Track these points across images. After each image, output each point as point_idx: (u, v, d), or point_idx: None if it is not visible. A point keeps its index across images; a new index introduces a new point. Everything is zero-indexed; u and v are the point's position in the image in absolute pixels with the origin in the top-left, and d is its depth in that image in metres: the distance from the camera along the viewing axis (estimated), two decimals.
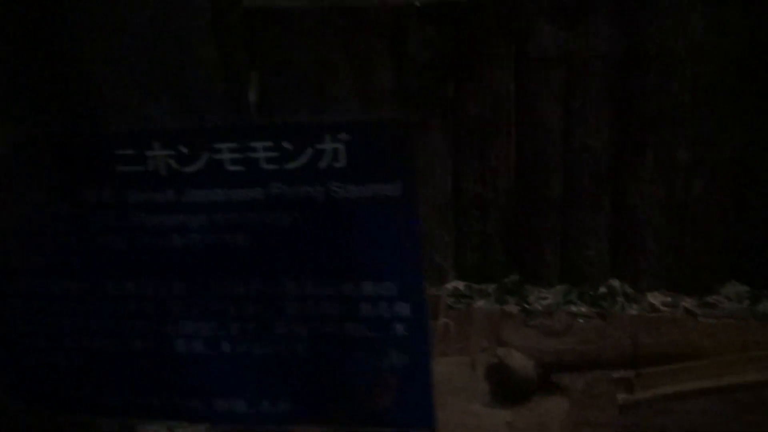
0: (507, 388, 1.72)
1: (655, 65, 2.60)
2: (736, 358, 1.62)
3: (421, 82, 2.80)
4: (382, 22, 2.80)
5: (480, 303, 2.82)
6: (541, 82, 2.69)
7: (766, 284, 2.74)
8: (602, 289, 2.81)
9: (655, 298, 2.80)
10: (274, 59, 2.68)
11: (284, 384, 1.22)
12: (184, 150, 1.21)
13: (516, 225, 2.86)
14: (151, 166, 1.18)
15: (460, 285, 2.89)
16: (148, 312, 1.24)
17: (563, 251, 2.88)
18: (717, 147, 2.65)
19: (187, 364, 1.23)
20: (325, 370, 1.21)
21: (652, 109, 2.65)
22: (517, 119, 2.74)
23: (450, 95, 2.72)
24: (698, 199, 2.71)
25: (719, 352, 1.62)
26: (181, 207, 1.18)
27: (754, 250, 2.77)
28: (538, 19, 2.60)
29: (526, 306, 3.02)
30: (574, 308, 2.82)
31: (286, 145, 1.17)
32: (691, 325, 2.22)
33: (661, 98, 2.64)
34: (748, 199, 2.73)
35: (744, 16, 2.53)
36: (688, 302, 2.75)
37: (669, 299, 2.77)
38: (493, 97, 2.71)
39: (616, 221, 2.81)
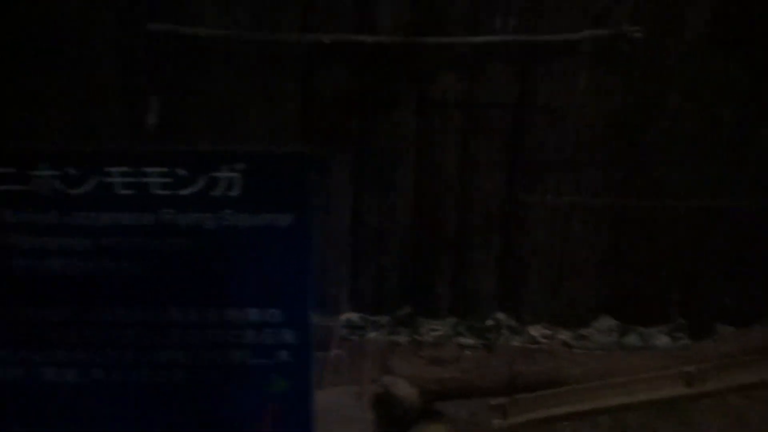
0: (391, 417, 1.74)
1: (543, 117, 2.63)
2: (599, 385, 1.71)
3: (327, 117, 2.71)
4: (292, 56, 2.83)
5: (373, 334, 2.75)
6: (440, 125, 2.68)
7: (633, 319, 2.81)
8: (489, 322, 2.82)
9: (535, 331, 2.81)
10: (179, 85, 2.53)
11: (163, 412, 1.17)
12: (72, 171, 1.16)
13: (411, 260, 2.82)
14: (34, 187, 1.16)
15: (355, 316, 2.81)
16: (20, 338, 1.20)
17: (454, 286, 2.85)
18: (594, 194, 2.71)
19: (59, 392, 1.16)
20: (205, 398, 1.16)
21: (539, 157, 2.68)
22: (417, 159, 2.71)
23: (354, 132, 2.67)
24: (576, 242, 2.77)
25: (586, 380, 1.71)
26: (64, 229, 1.14)
27: (624, 288, 2.82)
28: (440, 65, 2.60)
29: (417, 337, 3.09)
30: (462, 340, 2.76)
31: (180, 171, 1.14)
32: (564, 355, 2.34)
33: (547, 148, 2.68)
34: (620, 243, 2.79)
35: (622, 80, 2.61)
36: (564, 335, 2.80)
37: (548, 332, 2.81)
38: (395, 136, 2.68)
39: (504, 260, 2.82)
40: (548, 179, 2.73)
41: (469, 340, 2.81)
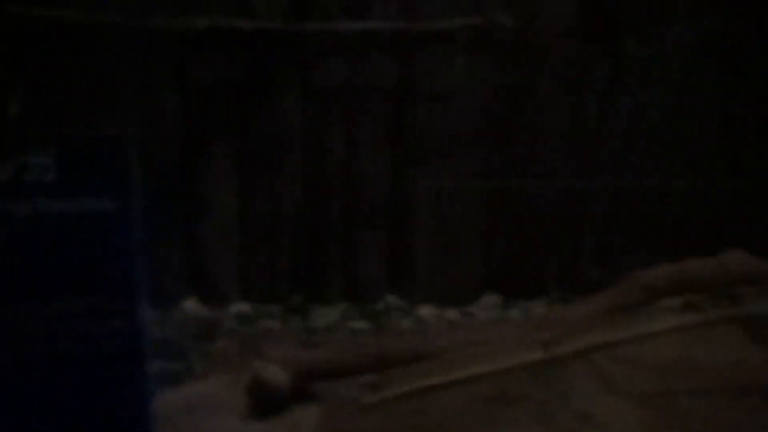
0: (263, 401, 1.73)
1: (423, 103, 2.66)
2: (464, 355, 1.75)
3: (205, 105, 2.53)
4: (166, 43, 2.45)
5: (265, 323, 2.68)
6: (324, 111, 2.64)
7: (515, 294, 2.88)
8: (380, 305, 2.81)
9: (425, 311, 2.82)
10: (46, 72, 2.38)
11: None
12: None
13: (301, 247, 2.77)
14: None
15: (246, 306, 2.74)
16: None
17: (345, 271, 2.82)
18: (474, 177, 2.75)
19: None
20: (37, 391, 1.10)
21: (421, 141, 2.71)
22: (303, 146, 2.67)
23: (236, 120, 2.60)
24: (459, 223, 2.80)
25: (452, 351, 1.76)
26: None
27: (505, 265, 2.88)
28: (323, 52, 2.56)
29: (309, 324, 2.74)
30: (354, 324, 2.72)
31: None
32: (432, 331, 2.39)
33: (428, 133, 2.70)
34: (500, 222, 2.84)
35: (496, 67, 2.67)
36: (452, 313, 2.82)
37: (436, 311, 2.81)
38: (279, 123, 2.62)
39: (392, 243, 2.82)
40: (431, 163, 2.76)
41: (360, 324, 2.82)
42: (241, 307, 2.75)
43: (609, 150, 2.79)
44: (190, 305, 2.67)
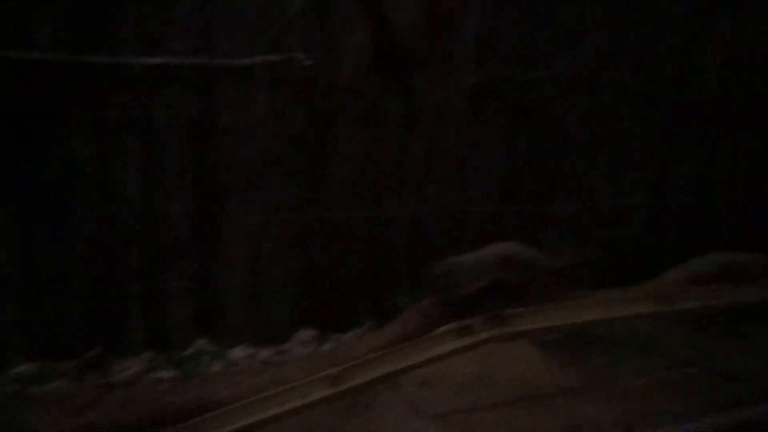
0: None
1: (227, 139, 2.55)
2: (252, 402, 1.67)
3: None
4: None
5: (55, 384, 2.39)
6: (119, 149, 2.45)
7: (330, 327, 2.85)
8: (189, 351, 2.63)
9: (237, 353, 2.69)
10: None
11: None
12: None
13: (96, 295, 2.52)
14: None
15: (31, 366, 2.40)
16: None
17: (148, 318, 2.60)
18: (283, 211, 2.69)
19: None
20: None
21: (227, 177, 2.59)
22: (95, 186, 2.45)
23: (12, 161, 2.33)
24: (270, 258, 2.71)
25: (238, 399, 1.66)
26: None
27: (319, 299, 2.84)
28: (115, 87, 2.38)
29: (108, 380, 2.46)
30: (160, 374, 2.52)
31: None
32: (217, 378, 2.26)
33: (234, 168, 2.60)
34: (311, 256, 2.79)
35: (298, 103, 2.63)
36: (266, 352, 2.72)
37: (250, 352, 2.70)
38: (65, 163, 2.39)
39: (200, 284, 2.65)
40: (237, 199, 2.64)
41: (167, 373, 2.61)
42: (24, 368, 2.39)
43: (410, 180, 2.91)
44: None
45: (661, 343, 3.08)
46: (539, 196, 3.16)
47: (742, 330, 3.10)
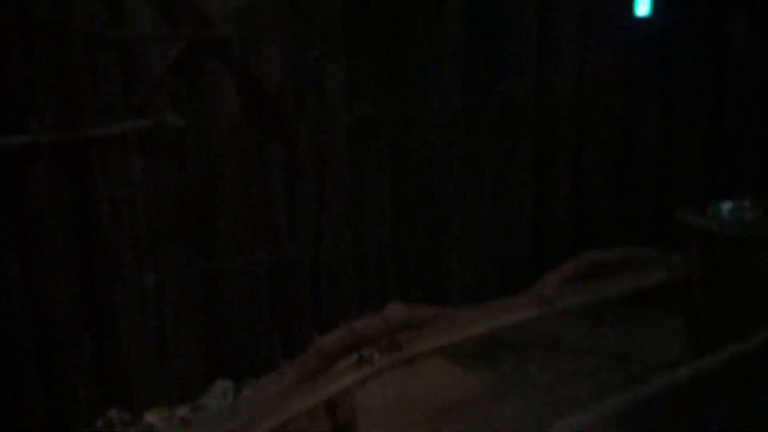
0: None
1: (108, 210, 2.41)
2: None
3: None
4: None
5: None
6: None
7: (246, 374, 2.68)
8: (99, 424, 2.44)
9: (152, 416, 2.51)
10: None
11: None
12: None
13: None
14: None
15: None
16: None
17: (46, 398, 2.39)
18: (179, 268, 2.56)
19: None
20: None
21: (114, 247, 2.45)
22: None
23: None
24: (171, 317, 2.56)
25: None
26: None
27: (229, 347, 2.69)
28: None
29: None
30: None
31: None
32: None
33: (120, 239, 2.46)
34: (213, 307, 2.65)
35: (176, 165, 2.51)
36: (182, 410, 2.54)
37: (165, 413, 2.51)
38: None
39: (101, 356, 2.47)
40: (129, 266, 2.50)
41: None
42: None
43: (304, 222, 2.81)
44: None
45: (565, 338, 3.03)
46: (426, 225, 3.09)
47: (634, 315, 3.08)
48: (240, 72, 2.55)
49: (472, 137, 3.11)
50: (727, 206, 2.47)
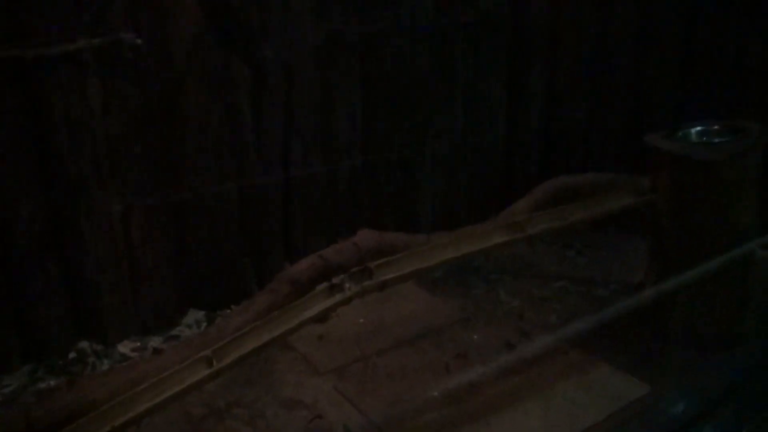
0: None
1: (65, 130, 2.31)
2: (128, 397, 1.55)
3: None
4: None
5: None
6: None
7: (219, 304, 2.73)
8: (72, 355, 2.43)
9: (125, 347, 2.52)
10: None
11: None
12: None
13: None
14: None
15: None
16: None
17: (18, 329, 2.37)
18: (145, 195, 2.50)
19: None
20: None
21: (75, 170, 2.37)
22: None
23: None
24: (142, 244, 2.53)
25: (113, 397, 1.54)
26: None
27: (202, 277, 2.70)
28: None
29: None
30: (44, 384, 2.32)
31: None
32: (85, 380, 2.09)
33: (80, 160, 2.38)
34: (184, 236, 2.63)
35: (136, 83, 2.40)
36: (155, 341, 2.56)
37: (138, 344, 2.53)
38: None
39: (69, 285, 2.44)
40: (91, 191, 2.44)
41: (52, 383, 2.40)
42: None
43: (272, 145, 2.77)
44: None
45: (534, 264, 3.18)
46: (408, 142, 3.10)
47: (603, 240, 3.22)
48: None
49: (444, 52, 3.06)
50: (696, 130, 2.55)
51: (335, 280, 1.89)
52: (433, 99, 3.09)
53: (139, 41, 2.32)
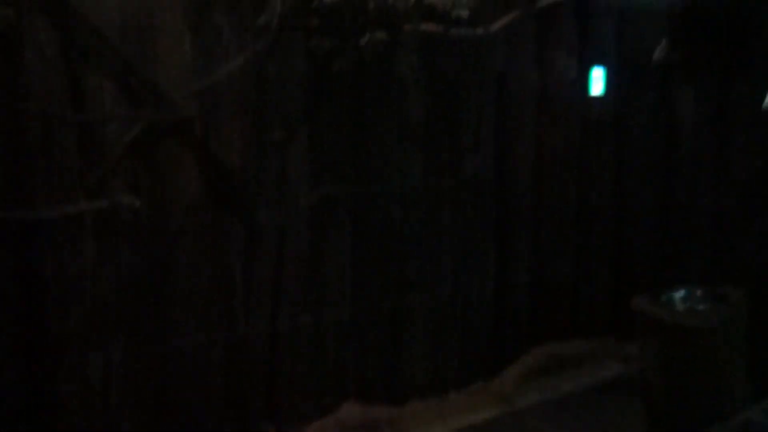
0: None
1: (56, 289, 2.38)
2: None
3: None
4: None
5: None
6: None
7: None
8: None
9: None
10: None
11: None
12: None
13: None
14: None
15: None
16: None
17: None
18: (129, 350, 2.52)
19: None
20: None
21: (62, 331, 2.40)
22: None
23: None
24: (117, 404, 2.51)
25: None
26: None
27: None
28: None
29: None
30: None
31: None
32: None
33: (68, 320, 2.42)
34: (165, 388, 2.63)
35: (131, 245, 2.51)
36: None
37: None
38: None
39: None
40: (76, 353, 2.45)
41: None
42: None
43: (259, 302, 2.83)
44: None
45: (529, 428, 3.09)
46: (396, 298, 3.17)
47: (596, 401, 3.17)
48: (200, 152, 2.61)
49: (433, 213, 3.23)
50: (680, 294, 2.65)
51: None
52: (422, 257, 3.21)
53: (137, 203, 2.47)
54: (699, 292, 2.72)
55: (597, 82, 3.89)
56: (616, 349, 2.49)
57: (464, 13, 2.87)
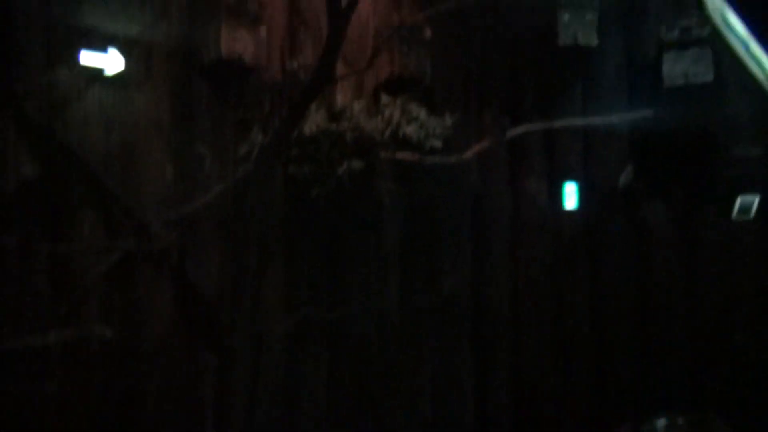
0: None
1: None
2: None
3: None
4: None
5: None
6: None
7: None
8: None
9: None
10: None
11: None
12: None
13: None
14: None
15: None
16: None
17: None
18: None
19: None
20: None
21: None
22: None
23: None
24: None
25: None
26: None
27: None
28: None
29: None
30: None
31: None
32: None
33: None
34: None
35: (101, 374, 2.50)
36: None
37: None
38: None
39: None
40: None
41: None
42: None
43: (231, 428, 2.73)
44: None
45: None
46: (375, 422, 3.08)
47: None
48: (176, 279, 2.61)
49: (410, 335, 3.21)
50: (661, 423, 2.63)
51: None
52: (400, 378, 3.16)
53: (108, 334, 2.44)
54: (680, 422, 2.69)
55: (570, 196, 3.95)
56: None
57: (437, 143, 3.01)
